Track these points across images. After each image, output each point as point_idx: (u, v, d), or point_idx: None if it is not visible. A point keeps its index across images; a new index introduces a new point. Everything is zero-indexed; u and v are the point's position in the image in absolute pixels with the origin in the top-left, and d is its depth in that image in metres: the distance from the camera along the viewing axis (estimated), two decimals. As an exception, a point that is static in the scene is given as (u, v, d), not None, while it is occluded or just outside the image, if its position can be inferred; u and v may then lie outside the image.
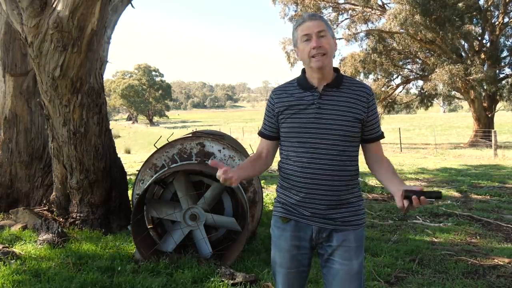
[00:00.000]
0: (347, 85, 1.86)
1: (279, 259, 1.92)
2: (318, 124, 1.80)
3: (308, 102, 1.83)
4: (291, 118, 1.84)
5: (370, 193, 7.49)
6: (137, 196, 4.13)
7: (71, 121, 4.34)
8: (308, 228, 1.86)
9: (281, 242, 1.91)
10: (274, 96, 1.92)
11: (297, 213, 1.87)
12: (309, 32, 1.79)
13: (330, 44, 1.81)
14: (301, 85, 1.87)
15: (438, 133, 28.47)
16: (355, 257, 1.83)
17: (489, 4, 22.56)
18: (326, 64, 1.80)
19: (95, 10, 4.07)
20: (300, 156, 1.81)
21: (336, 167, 1.80)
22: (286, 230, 1.89)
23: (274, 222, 1.96)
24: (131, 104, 71.07)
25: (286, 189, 1.90)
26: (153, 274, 3.44)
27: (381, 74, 25.83)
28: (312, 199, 1.82)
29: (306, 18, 1.83)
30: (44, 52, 4.06)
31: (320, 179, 1.79)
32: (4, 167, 5.39)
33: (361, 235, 1.87)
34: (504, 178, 9.33)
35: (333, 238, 1.84)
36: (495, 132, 16.57)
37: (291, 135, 1.84)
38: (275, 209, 1.98)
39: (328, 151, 1.79)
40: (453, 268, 3.68)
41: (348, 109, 1.81)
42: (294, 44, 1.90)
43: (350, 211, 1.85)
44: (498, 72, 23.38)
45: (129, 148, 22.75)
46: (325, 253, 1.88)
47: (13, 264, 3.54)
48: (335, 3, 24.55)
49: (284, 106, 1.87)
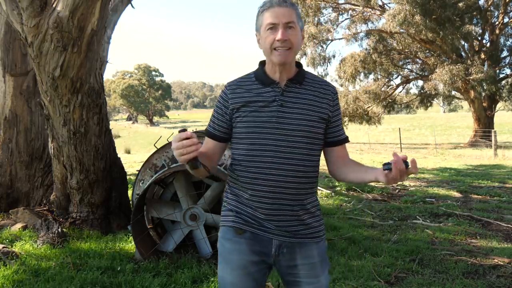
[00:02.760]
0: (310, 81, 1.67)
1: (231, 278, 1.62)
2: (280, 124, 1.58)
3: (269, 98, 1.60)
4: (249, 116, 1.61)
5: (370, 193, 7.49)
6: (137, 196, 4.14)
7: (71, 121, 4.34)
8: (268, 241, 1.62)
9: (233, 258, 1.62)
10: (229, 91, 1.66)
11: (255, 224, 1.62)
12: (277, 22, 1.56)
13: (297, 38, 1.60)
14: (260, 79, 1.65)
15: (438, 133, 28.48)
16: (321, 273, 1.65)
17: (489, 4, 22.57)
18: (289, 59, 1.59)
19: (95, 10, 4.07)
20: (261, 160, 1.58)
21: (300, 173, 1.59)
22: (241, 243, 1.62)
23: (224, 233, 1.68)
24: (131, 104, 71.04)
25: (241, 197, 1.65)
26: (153, 274, 3.44)
27: (381, 74, 25.86)
28: (274, 209, 1.59)
29: (275, 2, 1.58)
30: (44, 52, 4.06)
31: (284, 186, 1.57)
32: (4, 167, 5.39)
33: (323, 248, 1.69)
34: (504, 178, 9.33)
35: (296, 254, 1.63)
36: (495, 132, 16.58)
37: (249, 136, 1.60)
38: (225, 219, 1.69)
39: (293, 155, 1.58)
40: (453, 268, 3.68)
41: (313, 108, 1.62)
42: (256, 28, 1.66)
43: (311, 223, 1.65)
44: (498, 72, 23.40)
45: (129, 148, 22.73)
46: (286, 273, 1.65)
47: (13, 264, 3.55)
48: (335, 3, 24.55)
49: (240, 102, 1.62)
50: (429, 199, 6.89)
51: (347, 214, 5.83)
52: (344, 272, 3.55)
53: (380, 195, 7.35)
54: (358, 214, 5.86)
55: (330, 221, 5.30)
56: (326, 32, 25.09)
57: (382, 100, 25.59)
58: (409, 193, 7.51)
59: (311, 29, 24.17)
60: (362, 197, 7.18)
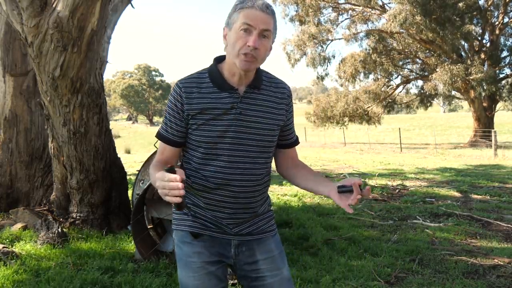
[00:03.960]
0: (267, 84, 1.62)
1: (193, 280, 1.59)
2: (238, 133, 1.54)
3: (227, 105, 1.53)
4: (206, 124, 1.53)
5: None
6: (137, 196, 4.13)
7: (71, 121, 4.35)
8: (227, 243, 1.63)
9: (193, 260, 1.60)
10: (183, 93, 1.54)
11: (213, 227, 1.62)
12: (253, 25, 1.46)
13: (266, 50, 1.52)
14: (216, 83, 1.55)
15: (438, 133, 28.48)
16: (282, 264, 1.67)
17: (489, 4, 22.58)
18: (252, 69, 1.54)
19: (95, 10, 4.07)
20: (216, 169, 1.55)
21: (256, 178, 1.59)
22: (200, 246, 1.61)
23: (181, 237, 1.65)
24: (131, 104, 71.06)
25: (197, 202, 1.63)
26: (153, 274, 3.44)
27: (381, 74, 25.87)
28: (231, 213, 1.59)
29: (257, 6, 1.47)
30: (44, 52, 4.06)
31: (240, 191, 1.57)
32: (4, 167, 5.39)
33: (278, 240, 1.72)
34: (504, 178, 9.34)
35: (255, 251, 1.64)
36: (495, 132, 16.59)
37: (205, 145, 1.55)
38: (181, 223, 1.66)
39: (249, 164, 1.57)
40: (453, 268, 3.68)
41: (271, 115, 1.59)
42: (227, 23, 1.54)
43: (267, 217, 1.69)
44: (498, 72, 23.40)
45: (129, 148, 22.74)
46: (248, 270, 1.65)
47: (13, 264, 3.55)
48: (335, 3, 24.56)
49: (196, 109, 1.53)
50: (429, 199, 6.89)
51: (347, 214, 5.83)
52: (344, 272, 3.55)
53: (380, 195, 7.35)
54: (358, 214, 5.86)
55: (330, 221, 5.30)
56: (326, 32, 25.10)
57: (382, 100, 25.61)
58: (409, 193, 7.51)
59: (311, 29, 24.18)
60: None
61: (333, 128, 27.14)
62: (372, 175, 9.84)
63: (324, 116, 26.13)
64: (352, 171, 10.95)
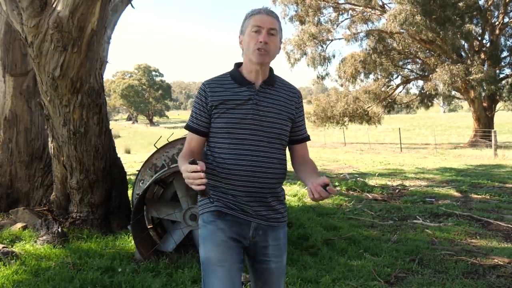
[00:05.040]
0: (280, 85, 1.89)
1: (217, 254, 1.75)
2: (256, 120, 1.78)
3: (245, 97, 1.79)
4: (227, 113, 1.78)
5: (370, 193, 7.49)
6: (137, 196, 4.14)
7: (71, 121, 4.35)
8: (247, 224, 1.80)
9: (217, 236, 1.77)
10: (208, 89, 1.82)
11: (236, 209, 1.79)
12: (262, 25, 1.77)
13: (275, 46, 1.81)
14: (236, 80, 1.83)
15: (438, 133, 28.46)
16: (284, 253, 1.91)
17: (489, 4, 22.57)
18: (266, 61, 1.80)
19: (95, 10, 4.07)
20: (240, 152, 1.76)
21: (275, 165, 1.80)
22: (223, 224, 1.78)
23: (206, 218, 1.82)
24: (131, 104, 71.02)
25: (219, 187, 1.80)
26: (153, 274, 3.44)
27: (381, 74, 25.87)
28: (252, 197, 1.78)
29: (263, 11, 1.81)
30: (44, 52, 4.06)
31: (260, 176, 1.77)
32: (4, 167, 5.40)
33: (286, 231, 1.94)
34: (504, 178, 9.33)
35: (268, 236, 1.84)
36: (495, 132, 16.58)
37: (228, 131, 1.78)
38: (205, 207, 1.84)
39: (268, 148, 1.79)
40: (453, 268, 3.68)
41: (283, 108, 1.85)
42: (241, 31, 1.85)
43: (281, 208, 1.88)
44: (498, 72, 23.40)
45: (129, 148, 22.73)
46: (258, 253, 1.85)
47: (13, 264, 3.55)
48: (335, 3, 24.56)
49: (219, 100, 1.79)
50: (429, 199, 6.89)
51: (347, 214, 5.83)
52: (344, 272, 3.55)
53: (380, 195, 7.35)
54: (358, 214, 5.86)
55: (330, 221, 5.30)
56: (326, 32, 25.10)
57: (382, 100, 25.61)
58: (409, 193, 7.51)
59: (311, 29, 24.17)
60: (362, 197, 7.18)
61: (333, 128, 27.14)
62: (372, 175, 9.84)
63: (324, 116, 26.11)
64: (352, 171, 10.96)
